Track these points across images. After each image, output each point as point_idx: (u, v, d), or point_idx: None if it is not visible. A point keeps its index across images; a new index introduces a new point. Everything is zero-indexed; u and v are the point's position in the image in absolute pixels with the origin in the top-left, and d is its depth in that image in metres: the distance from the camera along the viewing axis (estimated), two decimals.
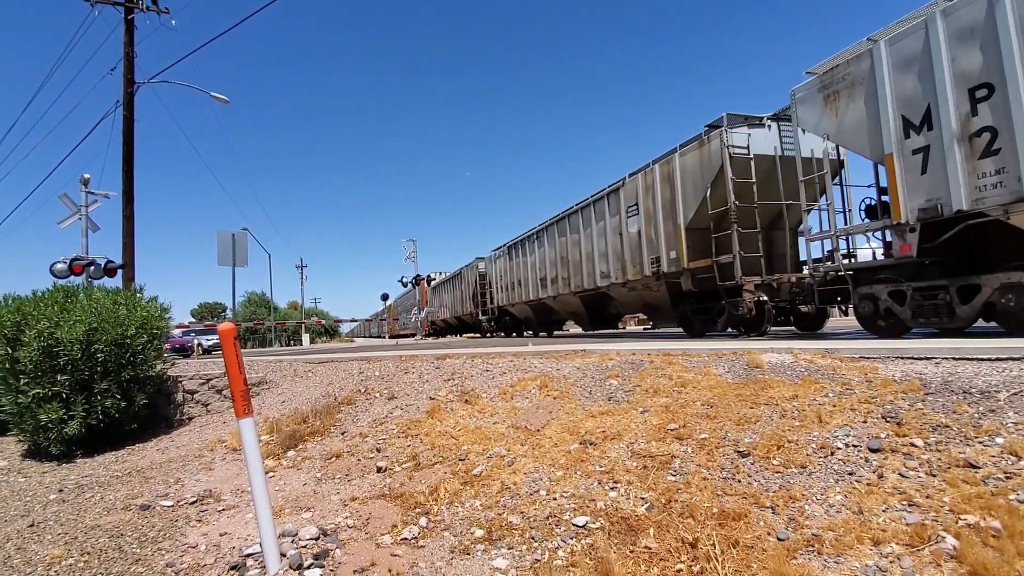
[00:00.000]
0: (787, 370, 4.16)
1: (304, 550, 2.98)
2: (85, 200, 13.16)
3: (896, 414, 3.07)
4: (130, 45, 13.12)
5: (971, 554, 1.99)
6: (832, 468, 2.77)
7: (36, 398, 6.11)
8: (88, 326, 6.33)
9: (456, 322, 29.19)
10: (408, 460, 4.12)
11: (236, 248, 14.94)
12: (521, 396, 4.98)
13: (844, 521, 2.36)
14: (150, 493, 4.44)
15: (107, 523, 3.81)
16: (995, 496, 2.28)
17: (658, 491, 2.91)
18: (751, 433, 3.26)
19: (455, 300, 29.01)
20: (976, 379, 3.25)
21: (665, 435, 3.51)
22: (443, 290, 32.15)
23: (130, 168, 12.76)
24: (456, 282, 28.92)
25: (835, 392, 3.54)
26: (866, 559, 2.13)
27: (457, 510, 3.23)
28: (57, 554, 3.31)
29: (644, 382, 4.59)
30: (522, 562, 2.59)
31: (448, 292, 30.80)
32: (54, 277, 11.22)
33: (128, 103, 12.91)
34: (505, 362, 6.17)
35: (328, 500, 3.76)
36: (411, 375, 6.35)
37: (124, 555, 3.27)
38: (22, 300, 6.80)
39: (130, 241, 12.67)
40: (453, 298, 29.96)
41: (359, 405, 5.73)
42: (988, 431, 2.71)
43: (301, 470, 4.50)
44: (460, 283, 27.89)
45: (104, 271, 11.92)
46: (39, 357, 6.12)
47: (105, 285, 8.77)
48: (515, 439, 4.05)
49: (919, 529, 2.20)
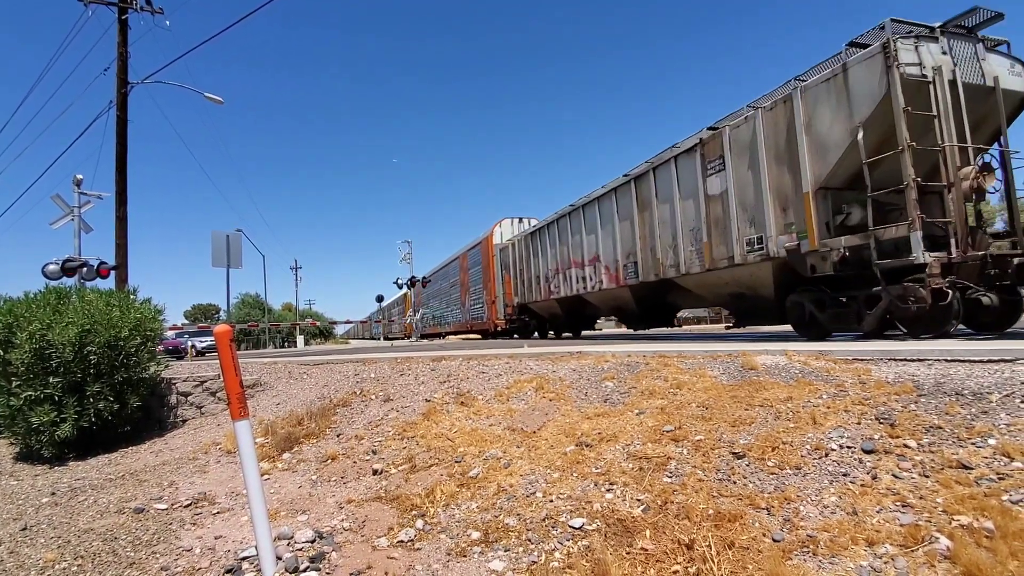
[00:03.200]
0: (782, 372, 4.18)
1: (300, 553, 2.97)
2: (78, 201, 13.08)
3: (889, 416, 3.09)
4: (124, 45, 13.05)
5: (964, 555, 2.01)
6: (826, 469, 2.78)
7: (28, 400, 6.06)
8: (81, 328, 6.29)
9: (466, 328, 24.92)
10: (404, 462, 4.11)
11: (230, 249, 14.86)
12: (517, 398, 4.98)
13: (839, 522, 2.38)
14: (144, 496, 4.42)
15: (101, 526, 3.79)
16: (988, 497, 2.30)
17: (654, 493, 2.92)
18: (746, 435, 3.28)
19: (454, 298, 25.47)
20: (968, 381, 3.28)
21: (661, 437, 3.52)
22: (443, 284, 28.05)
23: (124, 169, 12.68)
24: (455, 271, 25.39)
25: (829, 394, 3.56)
26: (861, 560, 2.14)
27: (453, 512, 3.23)
28: (50, 558, 3.28)
29: (640, 384, 4.61)
30: (519, 564, 2.59)
31: (448, 288, 26.91)
32: (46, 278, 11.13)
33: (122, 103, 12.83)
34: (501, 364, 6.18)
35: (324, 503, 3.75)
36: (407, 377, 6.34)
37: (118, 559, 3.25)
38: (14, 302, 6.76)
39: (123, 242, 12.57)
40: (450, 297, 26.21)
41: (355, 407, 5.71)
42: (981, 432, 2.73)
43: (296, 472, 4.48)
44: (461, 272, 24.45)
45: (97, 272, 11.83)
46: (31, 359, 6.07)
47: (98, 287, 8.71)
48: (511, 441, 4.05)
49: (913, 530, 2.21)
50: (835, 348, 4.69)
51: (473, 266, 23.32)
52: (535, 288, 16.37)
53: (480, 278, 22.29)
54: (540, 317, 17.28)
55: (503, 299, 19.67)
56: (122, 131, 12.75)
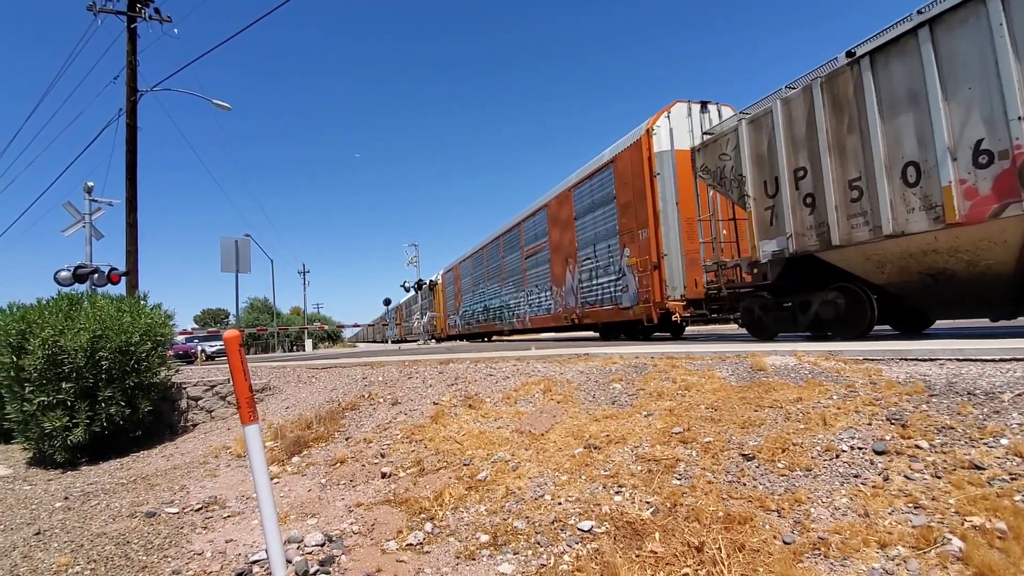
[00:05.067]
0: (791, 372, 4.16)
1: (310, 557, 2.99)
2: (89, 208, 13.26)
3: (901, 416, 3.06)
4: (133, 54, 13.21)
5: (977, 556, 1.99)
6: (837, 471, 2.76)
7: (41, 406, 6.13)
8: (92, 334, 6.36)
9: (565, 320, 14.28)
10: (412, 465, 4.12)
11: (239, 254, 15.02)
12: (525, 400, 4.99)
13: (850, 524, 2.36)
14: (155, 500, 4.45)
15: (113, 530, 3.82)
16: (1000, 497, 2.27)
17: (663, 495, 2.91)
18: (756, 436, 3.26)
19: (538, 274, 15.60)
20: (980, 380, 3.24)
21: (669, 439, 3.51)
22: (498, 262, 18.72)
23: (133, 176, 12.83)
24: (536, 229, 15.51)
25: (839, 394, 3.53)
26: (872, 562, 2.12)
27: (462, 515, 3.23)
28: (64, 562, 3.32)
29: (648, 386, 4.59)
30: (528, 567, 2.59)
31: (509, 263, 17.62)
32: (58, 285, 11.28)
33: (131, 111, 12.98)
34: (508, 366, 6.18)
35: (333, 506, 3.77)
36: (415, 380, 6.36)
37: (131, 562, 3.27)
38: (27, 308, 6.84)
39: (134, 248, 12.72)
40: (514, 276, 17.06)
41: (363, 410, 5.74)
42: (993, 432, 2.71)
43: (306, 476, 4.51)
44: (554, 228, 14.53)
45: (108, 278, 11.98)
46: (44, 365, 6.14)
47: (109, 292, 8.81)
48: (519, 444, 4.05)
49: (925, 531, 2.19)
50: (845, 348, 4.65)
51: (599, 205, 12.36)
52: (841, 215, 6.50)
53: (613, 223, 11.75)
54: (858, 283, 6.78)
55: (680, 258, 10.29)
56: (131, 139, 12.90)
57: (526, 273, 17.16)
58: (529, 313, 17.10)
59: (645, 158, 10.60)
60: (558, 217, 14.64)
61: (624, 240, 11.42)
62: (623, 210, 11.43)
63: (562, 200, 14.37)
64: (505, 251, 19.09)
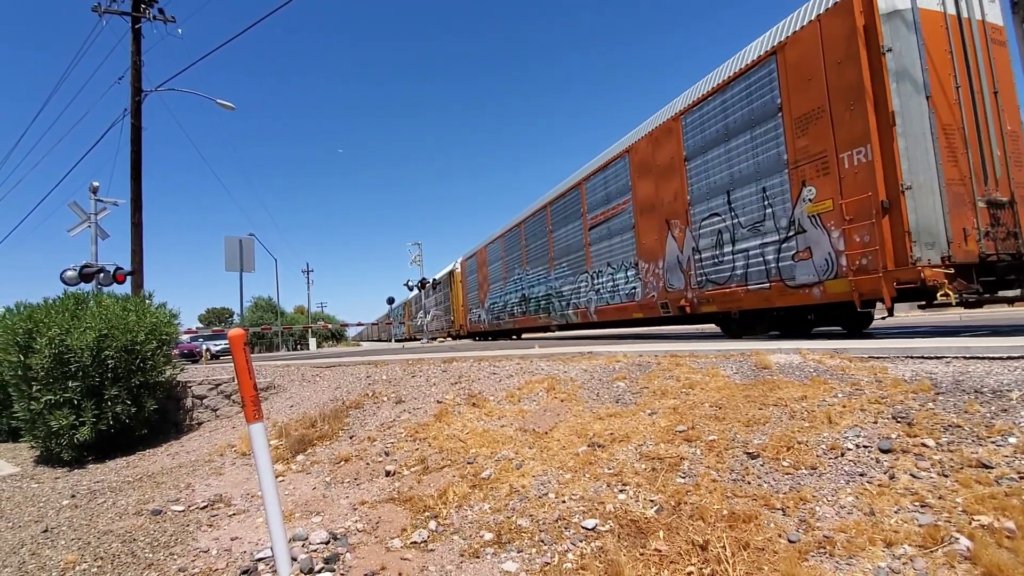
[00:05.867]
0: (795, 371, 4.14)
1: (315, 554, 2.99)
2: (94, 208, 13.31)
3: (907, 414, 3.04)
4: (137, 54, 13.26)
5: (985, 555, 1.98)
6: (843, 469, 2.75)
7: (48, 404, 6.17)
8: (98, 333, 6.39)
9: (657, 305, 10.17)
10: (416, 464, 4.12)
11: (243, 254, 15.07)
12: (528, 399, 4.98)
13: (855, 523, 2.35)
14: (161, 498, 4.48)
15: (119, 528, 3.84)
16: (1008, 496, 2.26)
17: (667, 493, 2.90)
18: (760, 434, 3.25)
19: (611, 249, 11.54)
20: (987, 378, 3.22)
21: (673, 437, 3.50)
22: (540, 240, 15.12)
23: (138, 175, 12.89)
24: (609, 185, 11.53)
25: (844, 392, 3.52)
26: (878, 561, 2.11)
27: (466, 513, 3.23)
28: (71, 559, 3.34)
29: (652, 384, 4.58)
30: (532, 565, 2.59)
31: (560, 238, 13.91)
32: (65, 284, 11.34)
33: (136, 111, 13.04)
34: (512, 365, 6.18)
35: (337, 504, 3.77)
36: (418, 379, 6.37)
37: (137, 560, 3.29)
38: (33, 308, 6.89)
39: (139, 248, 12.78)
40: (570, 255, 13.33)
41: (367, 409, 5.75)
42: (1000, 431, 2.69)
43: (310, 474, 4.52)
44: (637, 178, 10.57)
45: (114, 278, 12.03)
46: (50, 364, 6.18)
47: (115, 292, 8.84)
48: (523, 442, 4.05)
49: (932, 530, 2.18)
50: (850, 346, 4.63)
51: (741, 130, 8.05)
52: None
53: (776, 151, 7.50)
54: None
55: (939, 193, 5.85)
56: (136, 138, 12.96)
57: (589, 248, 12.79)
58: (596, 302, 12.65)
59: (860, 27, 6.34)
60: (651, 163, 10.29)
61: (802, 174, 7.16)
62: (800, 126, 7.17)
63: (659, 137, 10.06)
64: (555, 224, 14.67)
